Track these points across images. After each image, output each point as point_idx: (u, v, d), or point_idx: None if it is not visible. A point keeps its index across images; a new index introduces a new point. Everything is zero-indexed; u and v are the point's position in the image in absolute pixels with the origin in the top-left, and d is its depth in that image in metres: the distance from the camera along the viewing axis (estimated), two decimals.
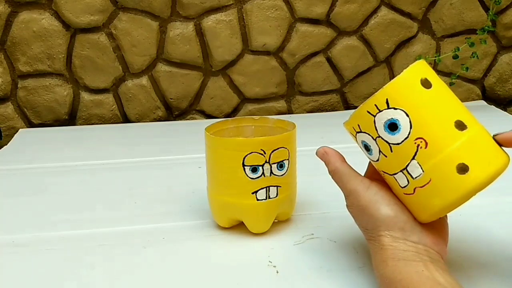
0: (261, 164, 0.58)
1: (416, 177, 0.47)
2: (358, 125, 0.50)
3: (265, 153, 0.58)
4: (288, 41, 1.20)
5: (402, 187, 0.48)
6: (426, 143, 0.46)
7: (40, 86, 1.16)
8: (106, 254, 0.60)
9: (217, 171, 0.61)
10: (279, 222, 0.65)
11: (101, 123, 1.20)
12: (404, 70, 0.48)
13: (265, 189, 0.59)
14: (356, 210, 0.51)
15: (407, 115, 0.47)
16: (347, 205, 0.52)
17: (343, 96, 1.27)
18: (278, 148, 0.58)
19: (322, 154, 0.54)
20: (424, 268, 0.45)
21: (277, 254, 0.58)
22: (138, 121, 1.22)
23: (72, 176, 0.86)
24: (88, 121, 1.20)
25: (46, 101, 1.17)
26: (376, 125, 0.48)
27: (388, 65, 1.25)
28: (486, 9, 1.22)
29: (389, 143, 0.48)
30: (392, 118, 0.47)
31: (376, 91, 0.48)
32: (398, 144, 0.47)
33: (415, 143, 0.46)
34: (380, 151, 0.49)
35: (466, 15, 1.23)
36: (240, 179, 0.58)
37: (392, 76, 1.26)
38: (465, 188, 0.46)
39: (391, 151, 0.48)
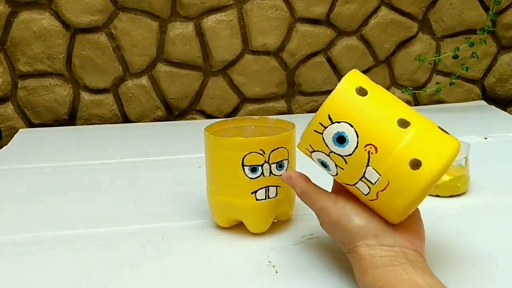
0: (261, 164, 0.58)
1: (375, 182, 0.48)
2: (310, 145, 0.51)
3: (264, 153, 0.58)
4: (288, 41, 1.19)
5: (365, 195, 0.49)
6: (376, 148, 0.48)
7: (40, 86, 1.16)
8: (106, 254, 0.60)
9: (216, 171, 0.61)
10: (279, 222, 0.65)
11: (101, 123, 1.20)
12: (338, 83, 0.50)
13: (264, 189, 0.59)
14: (329, 226, 0.51)
15: (351, 126, 0.48)
16: (320, 224, 0.53)
17: None
18: (277, 148, 0.58)
19: (287, 179, 0.55)
20: (403, 272, 0.45)
21: (276, 254, 0.58)
22: (138, 121, 1.22)
23: (72, 176, 0.86)
24: (88, 121, 1.20)
25: (46, 101, 1.17)
26: (326, 141, 0.50)
27: (388, 65, 1.25)
28: (486, 9, 1.22)
29: (342, 156, 0.49)
30: (338, 132, 0.49)
31: None
32: (350, 155, 0.49)
33: (365, 150, 0.48)
34: (336, 165, 0.50)
35: (466, 15, 1.23)
36: (239, 179, 0.58)
37: (392, 76, 1.26)
38: (422, 182, 0.46)
39: (346, 162, 0.49)
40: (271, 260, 0.57)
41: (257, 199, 0.59)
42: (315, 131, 0.50)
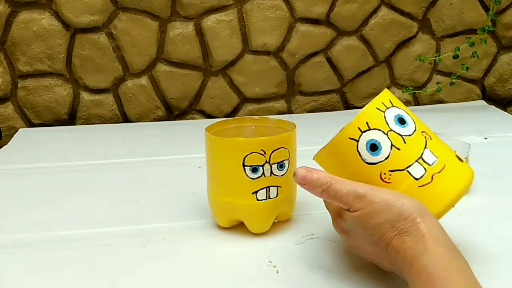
0: (261, 164, 0.58)
1: (432, 164, 0.50)
2: (367, 123, 0.51)
3: (265, 153, 0.58)
4: (288, 41, 1.19)
5: (417, 179, 0.50)
6: (430, 136, 0.52)
7: (40, 86, 1.16)
8: (106, 254, 0.60)
9: (217, 171, 0.61)
10: (279, 222, 0.65)
11: (101, 123, 1.20)
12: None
13: (265, 189, 0.59)
14: (374, 213, 0.47)
15: (408, 114, 0.53)
16: (348, 219, 0.50)
17: (343, 96, 1.27)
18: (278, 149, 0.58)
19: (302, 179, 0.51)
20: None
21: (277, 254, 0.58)
22: (138, 121, 1.21)
23: (72, 176, 0.86)
24: (88, 121, 1.20)
25: (46, 101, 1.17)
26: (387, 120, 0.51)
27: (388, 65, 1.25)
28: (486, 9, 1.22)
29: (401, 135, 0.51)
30: (399, 114, 0.52)
31: (375, 91, 0.50)
32: (409, 135, 0.51)
33: (422, 135, 0.52)
34: (392, 145, 0.50)
35: (466, 15, 1.23)
36: (240, 179, 0.58)
37: (392, 76, 1.26)
38: (470, 172, 0.53)
39: (405, 142, 0.51)
40: (272, 260, 0.57)
41: (258, 199, 0.59)
42: (378, 108, 0.52)
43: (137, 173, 0.87)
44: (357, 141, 0.51)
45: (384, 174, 0.51)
